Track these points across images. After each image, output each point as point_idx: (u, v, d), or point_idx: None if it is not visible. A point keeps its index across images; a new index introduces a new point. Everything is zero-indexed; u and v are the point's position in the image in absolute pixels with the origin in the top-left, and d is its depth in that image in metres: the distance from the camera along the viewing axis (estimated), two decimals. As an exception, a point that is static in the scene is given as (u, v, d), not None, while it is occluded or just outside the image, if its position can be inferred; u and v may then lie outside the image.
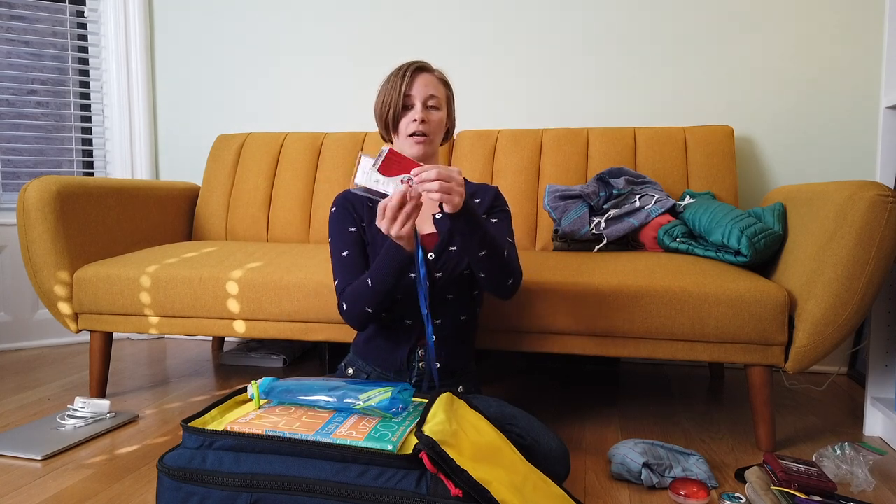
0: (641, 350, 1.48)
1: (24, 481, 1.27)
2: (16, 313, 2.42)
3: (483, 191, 1.40)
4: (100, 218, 1.87)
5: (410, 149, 1.28)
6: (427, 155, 1.29)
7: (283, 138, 2.33)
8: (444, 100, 1.32)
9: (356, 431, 0.88)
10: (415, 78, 1.27)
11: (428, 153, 1.29)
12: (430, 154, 1.31)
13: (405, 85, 1.26)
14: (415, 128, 1.26)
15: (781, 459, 1.27)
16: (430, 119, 1.27)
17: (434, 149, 1.31)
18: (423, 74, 1.29)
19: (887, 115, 1.62)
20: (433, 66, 1.33)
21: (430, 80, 1.29)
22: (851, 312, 1.30)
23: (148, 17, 2.60)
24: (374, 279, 1.18)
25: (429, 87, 1.28)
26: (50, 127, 2.56)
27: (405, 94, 1.26)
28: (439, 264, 1.28)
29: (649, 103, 2.27)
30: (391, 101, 1.27)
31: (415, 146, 1.27)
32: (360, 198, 1.34)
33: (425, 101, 1.27)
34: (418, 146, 1.27)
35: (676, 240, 1.73)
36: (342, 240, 1.30)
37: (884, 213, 1.25)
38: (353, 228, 1.30)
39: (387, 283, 1.17)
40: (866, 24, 2.10)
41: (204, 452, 0.88)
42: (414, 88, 1.27)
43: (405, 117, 1.28)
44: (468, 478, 0.79)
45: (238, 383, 2.00)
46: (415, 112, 1.26)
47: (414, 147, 1.27)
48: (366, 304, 1.20)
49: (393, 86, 1.28)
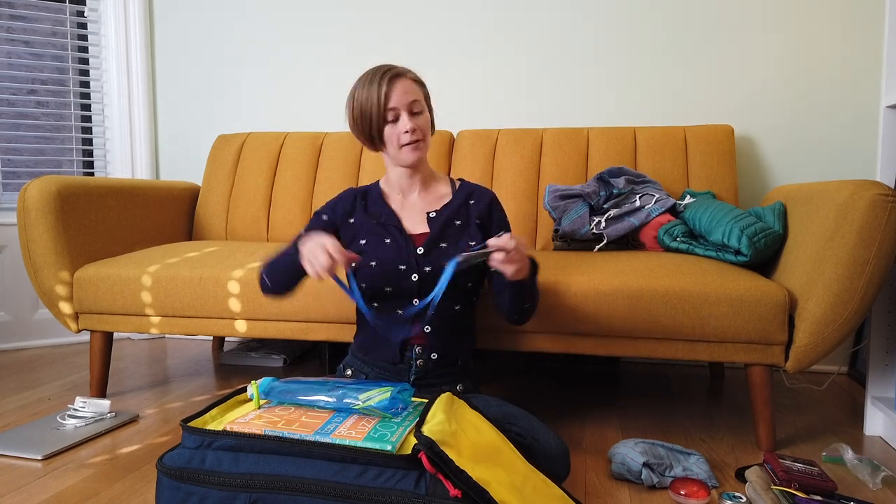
0: (641, 350, 1.47)
1: (24, 481, 1.27)
2: (16, 313, 2.43)
3: (479, 193, 1.40)
4: (100, 218, 1.87)
5: (408, 157, 1.28)
6: (423, 155, 1.30)
7: (284, 138, 2.33)
8: (423, 100, 1.31)
9: (355, 431, 0.88)
10: (392, 87, 1.24)
11: (423, 154, 1.31)
12: (424, 155, 1.31)
13: (384, 96, 1.23)
14: (408, 138, 1.25)
15: (782, 459, 1.27)
16: (418, 124, 1.27)
17: (427, 149, 1.32)
18: (399, 81, 1.26)
19: (887, 115, 1.62)
20: (403, 67, 1.31)
21: (408, 86, 1.26)
22: (852, 312, 1.30)
23: (148, 16, 2.60)
24: (280, 263, 1.31)
25: (409, 94, 1.26)
26: (50, 127, 2.56)
27: (387, 107, 1.24)
28: (428, 259, 1.29)
29: (649, 103, 2.27)
30: (372, 115, 1.25)
31: (412, 153, 1.28)
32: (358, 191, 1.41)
33: (409, 109, 1.26)
34: (416, 153, 1.28)
35: (677, 239, 1.72)
36: (311, 223, 1.38)
37: (884, 213, 1.25)
38: (326, 217, 1.37)
39: (282, 275, 1.30)
40: (866, 24, 2.10)
41: (203, 452, 0.88)
42: (394, 99, 1.24)
43: (392, 129, 1.26)
44: (467, 478, 0.79)
45: (238, 383, 2.01)
46: (403, 123, 1.25)
47: (412, 154, 1.28)
48: (269, 274, 1.32)
49: (369, 97, 1.24)
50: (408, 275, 1.28)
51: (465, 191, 1.40)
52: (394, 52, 2.44)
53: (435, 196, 1.39)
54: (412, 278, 1.28)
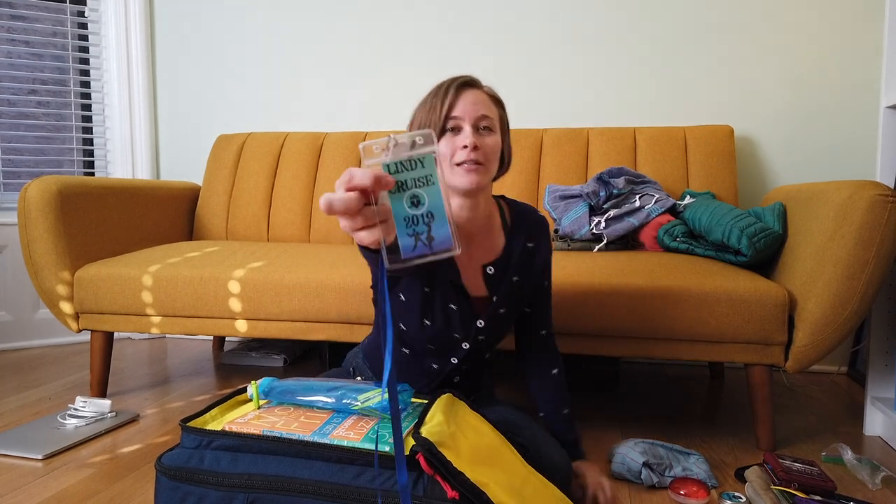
0: (641, 350, 1.47)
1: (25, 480, 1.27)
2: (17, 313, 2.43)
3: (533, 227, 1.18)
4: (100, 218, 1.87)
5: (461, 180, 1.03)
6: (480, 187, 1.05)
7: (284, 138, 2.33)
8: (497, 121, 1.08)
9: (354, 432, 0.88)
10: (460, 95, 1.04)
11: (482, 185, 1.04)
12: (484, 187, 1.06)
13: (448, 105, 1.03)
14: (465, 155, 1.02)
15: (781, 459, 1.27)
16: (482, 144, 1.03)
17: (488, 180, 1.07)
18: (470, 90, 1.05)
19: (887, 115, 1.62)
20: (482, 81, 1.10)
21: (479, 98, 1.05)
22: (851, 312, 1.30)
23: (148, 16, 2.60)
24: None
25: (479, 106, 1.04)
26: (50, 127, 2.56)
27: (449, 115, 1.03)
28: (485, 329, 1.15)
29: (649, 103, 2.27)
30: (431, 125, 1.03)
31: (466, 176, 1.03)
32: None
33: (476, 123, 1.04)
34: (470, 175, 1.03)
35: (676, 239, 1.72)
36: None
37: (884, 213, 1.24)
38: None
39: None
40: (866, 24, 2.09)
41: (202, 452, 0.88)
42: (459, 108, 1.03)
43: (449, 142, 1.04)
44: (465, 480, 0.79)
45: (239, 382, 2.01)
46: (464, 136, 1.02)
47: (465, 177, 1.03)
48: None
49: (433, 107, 1.04)
50: (458, 343, 1.15)
51: (520, 230, 1.17)
52: (394, 52, 2.44)
53: (489, 237, 1.15)
54: (462, 346, 1.16)
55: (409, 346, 1.18)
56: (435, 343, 1.14)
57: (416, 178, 0.62)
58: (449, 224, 0.62)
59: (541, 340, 1.28)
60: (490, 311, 1.14)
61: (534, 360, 1.28)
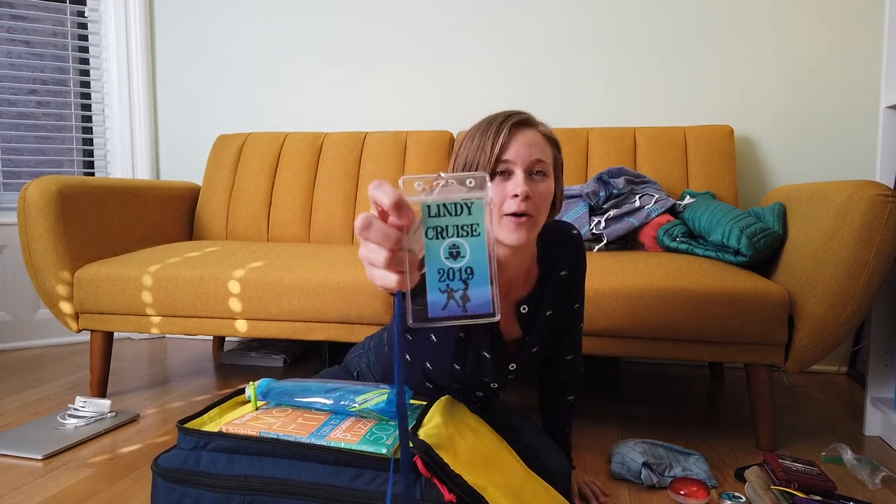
0: (641, 350, 1.47)
1: (24, 480, 1.28)
2: (17, 313, 2.43)
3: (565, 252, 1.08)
4: (100, 218, 1.87)
5: (508, 236, 0.91)
6: (528, 241, 0.93)
7: (284, 138, 2.33)
8: (551, 164, 0.96)
9: (351, 434, 0.88)
10: (514, 136, 0.92)
11: (530, 239, 0.93)
12: (532, 241, 0.98)
13: (500, 146, 0.91)
14: (516, 206, 0.90)
15: (781, 459, 1.27)
16: (535, 192, 0.92)
17: (536, 234, 0.95)
18: (524, 131, 0.93)
19: (887, 115, 1.61)
20: (535, 118, 0.98)
21: (534, 139, 0.93)
22: (851, 312, 1.30)
23: (148, 16, 2.60)
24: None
25: (533, 150, 0.92)
26: (50, 127, 2.56)
27: (500, 157, 0.91)
28: (517, 372, 1.10)
29: (649, 103, 2.26)
30: (478, 166, 0.92)
31: (515, 232, 0.91)
32: None
33: (529, 168, 0.92)
34: (519, 232, 0.91)
35: (676, 239, 1.72)
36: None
37: (884, 213, 1.24)
38: None
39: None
40: (866, 24, 2.09)
41: (198, 454, 0.88)
42: (512, 150, 0.91)
43: (499, 187, 0.92)
44: (462, 483, 0.79)
45: (239, 383, 2.01)
46: (515, 184, 0.90)
47: (514, 234, 0.91)
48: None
49: (481, 145, 0.92)
50: (488, 384, 1.10)
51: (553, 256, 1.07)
52: (394, 52, 2.44)
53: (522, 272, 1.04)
54: (492, 386, 1.11)
55: (433, 383, 1.11)
56: (462, 384, 1.08)
57: (458, 226, 0.53)
58: (490, 285, 0.53)
59: (565, 367, 1.21)
60: (522, 353, 1.08)
61: (552, 386, 1.23)
